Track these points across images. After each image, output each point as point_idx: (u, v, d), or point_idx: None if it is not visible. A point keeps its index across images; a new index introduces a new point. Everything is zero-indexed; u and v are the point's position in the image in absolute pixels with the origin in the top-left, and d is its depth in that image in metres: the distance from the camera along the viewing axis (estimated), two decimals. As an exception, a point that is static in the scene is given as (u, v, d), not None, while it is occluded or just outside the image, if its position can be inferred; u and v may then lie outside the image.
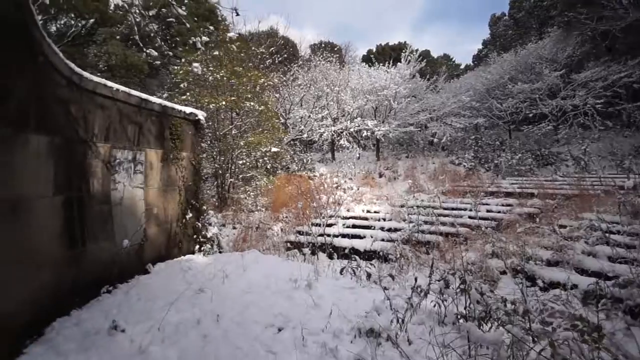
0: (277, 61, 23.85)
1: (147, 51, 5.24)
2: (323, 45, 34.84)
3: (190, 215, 7.59)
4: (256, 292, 4.93)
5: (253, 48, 16.76)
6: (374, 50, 42.97)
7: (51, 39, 4.24)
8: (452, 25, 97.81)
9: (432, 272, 3.89)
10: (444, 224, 9.72)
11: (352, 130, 22.09)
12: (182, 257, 7.13)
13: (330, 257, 8.74)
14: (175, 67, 15.79)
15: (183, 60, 14.29)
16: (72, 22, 19.93)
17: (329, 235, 9.59)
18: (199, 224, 7.86)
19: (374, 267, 6.13)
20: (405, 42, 38.06)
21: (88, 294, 4.78)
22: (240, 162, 15.22)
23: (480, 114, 25.18)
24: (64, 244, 4.50)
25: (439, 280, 3.95)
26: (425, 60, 24.95)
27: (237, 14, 4.12)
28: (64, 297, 4.38)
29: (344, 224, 10.76)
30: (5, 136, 3.56)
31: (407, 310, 3.61)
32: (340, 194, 13.25)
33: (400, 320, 3.52)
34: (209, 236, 8.04)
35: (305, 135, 21.89)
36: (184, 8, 4.15)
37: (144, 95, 6.34)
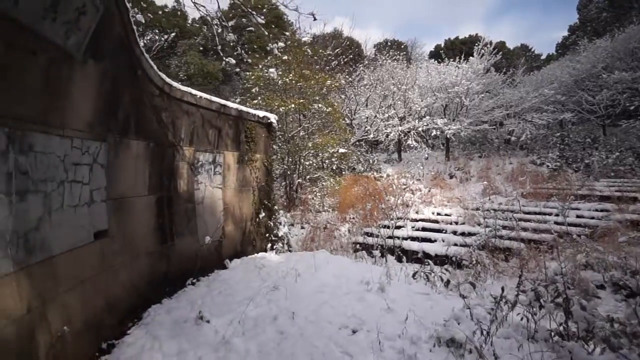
0: (342, 62, 23.95)
1: (226, 59, 5.56)
2: (389, 43, 34.19)
3: (263, 214, 7.92)
4: (328, 292, 4.97)
5: (320, 50, 17.02)
6: (443, 45, 41.09)
7: (147, 53, 4.71)
8: (531, 13, 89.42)
9: (520, 282, 3.56)
10: (525, 229, 8.92)
11: (420, 129, 21.33)
12: (256, 254, 7.48)
13: (400, 260, 8.51)
14: (247, 73, 16.66)
15: (258, 66, 14.99)
16: (157, 37, 22.07)
17: (397, 238, 9.36)
18: (271, 223, 8.18)
19: (448, 272, 5.82)
20: (477, 34, 35.80)
21: (176, 285, 5.23)
22: (307, 163, 15.54)
23: (567, 108, 22.69)
24: (157, 238, 4.97)
25: (526, 291, 3.61)
26: (500, 52, 23.18)
27: (315, 19, 4.19)
28: (157, 286, 4.83)
29: (413, 227, 10.43)
30: (114, 142, 4.03)
31: (491, 322, 3.36)
32: (408, 196, 12.86)
33: (484, 332, 3.28)
34: (280, 235, 8.33)
35: (371, 136, 21.67)
36: (262, 17, 4.33)
37: (222, 101, 6.76)
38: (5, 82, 2.53)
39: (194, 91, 5.85)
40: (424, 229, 10.32)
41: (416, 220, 10.97)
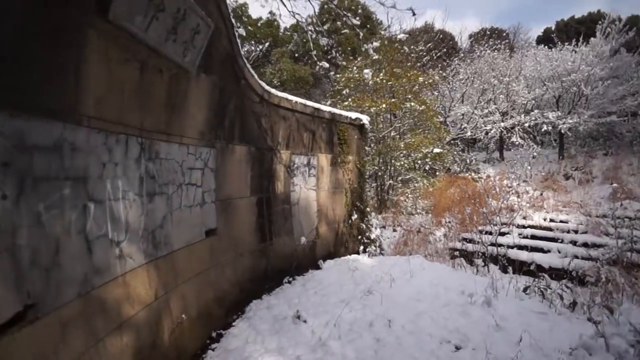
0: (435, 57, 22.75)
1: (320, 64, 5.65)
2: (487, 32, 31.39)
3: (355, 216, 7.88)
4: (425, 301, 4.68)
5: (412, 47, 16.41)
6: (554, 28, 36.16)
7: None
8: (675, -22, 73.12)
9: (680, 311, 2.85)
10: (674, 242, 7.25)
11: (526, 124, 19.08)
12: (348, 256, 7.47)
13: (505, 270, 7.67)
14: (337, 75, 16.90)
15: (348, 67, 15.11)
16: (253, 47, 23.81)
17: (501, 246, 8.45)
18: (364, 225, 8.10)
19: (569, 290, 5.01)
20: (599, 11, 30.63)
21: (274, 282, 5.48)
22: (399, 163, 15.09)
23: None
24: (257, 237, 5.27)
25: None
26: (634, 29, 19.41)
27: (414, 14, 3.99)
28: (258, 282, 5.12)
29: (520, 234, 9.32)
30: (221, 148, 4.38)
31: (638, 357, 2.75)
32: (513, 199, 11.56)
33: (629, 369, 2.70)
34: (372, 237, 8.20)
35: (468, 134, 20.11)
36: (357, 18, 4.28)
37: (316, 105, 6.91)
38: (140, 98, 2.90)
39: (289, 96, 6.09)
40: (533, 237, 9.15)
41: (524, 227, 9.79)
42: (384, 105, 13.49)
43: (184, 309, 3.45)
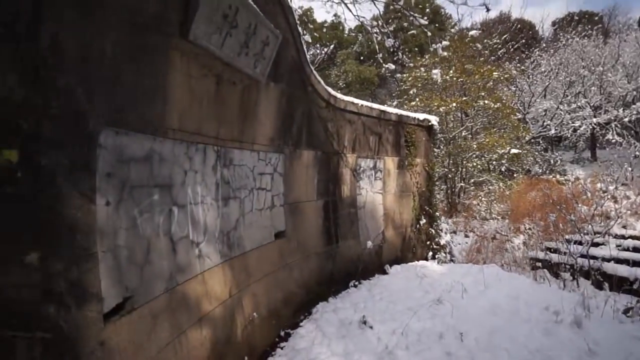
0: (511, 49, 21.03)
1: (386, 66, 5.57)
2: (575, 18, 28.17)
3: (424, 220, 7.61)
4: (502, 316, 4.34)
5: (485, 40, 15.36)
6: (662, 6, 31.15)
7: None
8: None
9: None
10: None
11: (626, 119, 16.72)
12: (416, 262, 7.23)
13: (599, 287, 6.78)
14: (404, 75, 16.46)
15: (415, 66, 14.68)
16: (318, 50, 24.21)
17: (594, 258, 7.50)
18: (432, 230, 7.78)
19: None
20: None
21: (340, 285, 5.51)
22: (471, 165, 14.23)
23: None
24: (323, 240, 5.36)
25: None
26: None
27: (488, 10, 3.75)
28: (324, 285, 5.20)
29: (618, 245, 8.17)
30: (289, 153, 4.54)
31: None
32: (610, 205, 10.19)
33: None
34: (442, 243, 7.84)
35: (552, 131, 18.22)
36: (425, 18, 4.14)
37: (382, 107, 6.82)
38: (216, 109, 3.13)
39: (355, 100, 6.09)
40: (636, 249, 7.97)
41: (623, 237, 8.57)
42: (454, 104, 12.83)
43: (255, 307, 3.63)
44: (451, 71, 13.69)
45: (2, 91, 1.34)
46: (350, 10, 4.51)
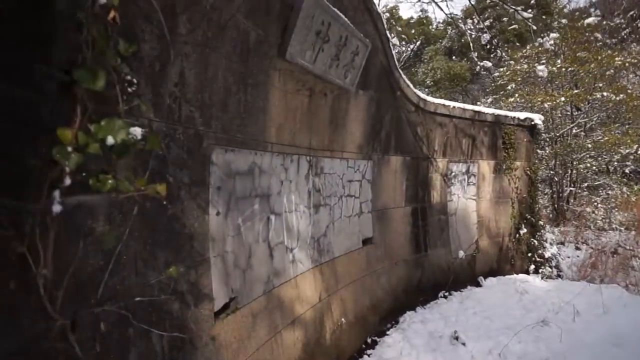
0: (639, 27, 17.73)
1: (481, 64, 5.18)
2: None
3: (525, 230, 6.90)
4: (627, 350, 3.71)
5: (605, 22, 13.19)
6: None
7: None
8: None
9: None
10: None
11: None
12: (515, 275, 6.59)
13: None
14: (500, 69, 15.05)
15: (516, 58, 13.30)
16: (403, 48, 23.42)
17: None
18: (535, 241, 7.01)
19: None
20: None
21: (428, 295, 5.31)
22: (583, 166, 12.41)
23: None
24: (411, 248, 5.22)
25: None
26: None
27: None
28: (411, 293, 5.06)
29: None
30: (377, 159, 4.54)
31: None
32: None
33: None
34: (546, 256, 7.02)
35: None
36: (530, 11, 3.74)
37: (477, 108, 6.38)
38: (308, 121, 3.29)
39: (446, 102, 5.81)
40: None
41: None
42: (562, 99, 11.31)
43: (343, 312, 3.71)
44: (559, 60, 12.11)
45: (141, 122, 1.60)
46: (442, 9, 4.28)
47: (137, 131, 1.00)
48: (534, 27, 4.24)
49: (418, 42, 22.80)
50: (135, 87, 1.16)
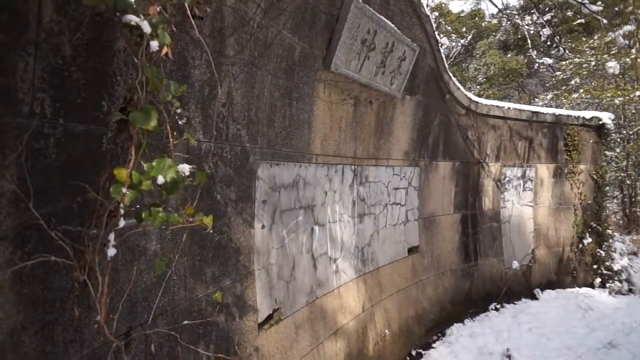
0: None
1: (541, 60, 4.80)
2: None
3: (589, 239, 6.33)
4: None
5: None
6: None
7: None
8: None
9: None
10: None
11: None
12: (577, 289, 6.07)
13: None
14: (562, 62, 13.86)
15: (576, 49, 12.19)
16: (453, 43, 22.31)
17: None
18: (601, 252, 6.40)
19: None
20: None
21: (478, 307, 5.06)
22: (661, 167, 11.12)
23: None
24: (460, 257, 5.00)
25: None
26: None
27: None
28: (460, 305, 4.85)
29: None
30: (424, 165, 4.40)
31: None
32: None
33: None
34: (615, 269, 6.38)
35: None
36: (599, 3, 3.39)
37: (534, 108, 5.96)
38: (353, 130, 3.27)
39: (501, 103, 5.48)
40: None
41: None
42: (637, 93, 10.19)
43: (387, 323, 3.65)
44: (633, 50, 10.91)
45: (195, 143, 1.69)
46: (495, 5, 4.02)
47: (185, 168, 1.05)
48: (604, 21, 3.83)
49: (469, 37, 21.69)
50: (185, 119, 1.22)
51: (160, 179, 0.97)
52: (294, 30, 2.40)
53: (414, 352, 3.96)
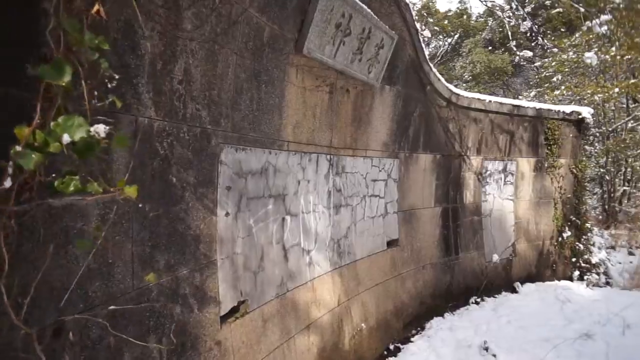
0: None
1: (521, 54, 4.79)
2: None
3: (569, 233, 6.39)
4: (686, 371, 3.31)
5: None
6: None
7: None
8: None
9: None
10: None
11: None
12: (556, 281, 6.13)
13: None
14: (545, 60, 14.05)
15: (562, 47, 12.33)
16: (440, 42, 22.45)
17: None
18: (580, 245, 6.47)
19: None
20: None
21: (458, 300, 5.04)
22: (638, 163, 11.36)
23: None
24: (440, 250, 4.97)
25: None
26: None
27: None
28: (440, 298, 4.82)
29: None
30: (404, 157, 4.33)
31: None
32: None
33: None
34: (593, 262, 6.46)
35: None
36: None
37: (516, 102, 5.97)
38: (329, 118, 3.17)
39: (482, 96, 5.46)
40: None
41: None
42: (616, 90, 10.37)
43: (364, 317, 3.57)
44: (613, 48, 11.09)
45: (140, 122, 1.56)
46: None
47: (99, 129, 0.93)
48: (582, 9, 3.81)
49: (456, 36, 21.85)
50: (114, 83, 1.10)
51: (66, 138, 0.85)
52: (262, 10, 2.29)
53: (391, 347, 3.90)
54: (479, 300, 5.19)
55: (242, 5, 2.13)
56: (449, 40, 22.20)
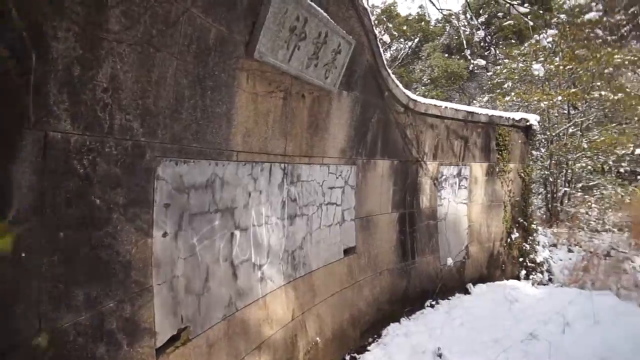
0: (640, 26, 17.42)
1: (475, 62, 4.92)
2: None
3: (517, 234, 6.70)
4: (619, 367, 3.53)
5: (605, 19, 12.85)
6: None
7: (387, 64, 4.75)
8: None
9: None
10: None
11: None
12: (505, 281, 6.41)
13: None
14: (497, 67, 14.78)
15: (512, 56, 13.00)
16: (401, 45, 23.02)
17: None
18: (527, 246, 6.82)
19: None
20: None
21: (414, 304, 5.10)
22: (579, 166, 12.23)
23: None
24: (398, 256, 5.00)
25: None
26: None
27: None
28: (397, 304, 4.85)
29: None
30: (362, 164, 4.28)
31: None
32: None
33: None
34: (538, 261, 6.83)
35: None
36: (526, 6, 3.48)
37: (470, 108, 6.14)
38: (283, 125, 3.03)
39: (438, 102, 5.56)
40: None
41: None
42: (559, 97, 11.09)
43: (319, 329, 3.48)
44: (557, 59, 11.85)
45: (52, 137, 1.34)
46: (434, 4, 4.01)
47: None
48: (531, 23, 3.97)
49: (417, 40, 22.43)
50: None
51: None
52: (206, 10, 2.10)
53: (348, 357, 3.85)
54: (434, 303, 5.29)
55: (184, 5, 1.94)
56: (410, 43, 22.77)
